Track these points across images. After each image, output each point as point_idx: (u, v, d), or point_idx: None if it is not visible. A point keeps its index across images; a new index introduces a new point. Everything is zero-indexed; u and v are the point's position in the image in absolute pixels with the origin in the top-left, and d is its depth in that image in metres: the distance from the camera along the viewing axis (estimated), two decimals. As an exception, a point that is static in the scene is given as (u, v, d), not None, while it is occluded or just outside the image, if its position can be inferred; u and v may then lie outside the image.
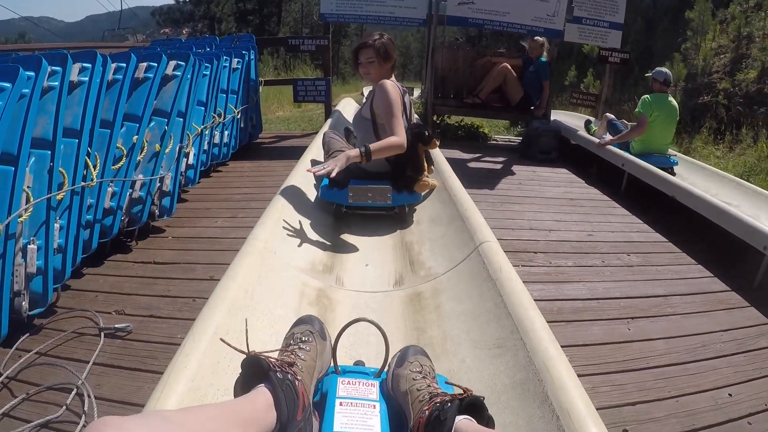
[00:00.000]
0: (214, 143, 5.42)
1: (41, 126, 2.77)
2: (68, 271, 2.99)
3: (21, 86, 2.51)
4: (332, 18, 7.54)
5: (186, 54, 4.20)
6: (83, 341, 2.64)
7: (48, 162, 2.78)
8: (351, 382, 1.58)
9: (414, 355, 1.60)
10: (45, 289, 2.75)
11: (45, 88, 2.78)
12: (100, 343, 2.59)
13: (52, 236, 2.79)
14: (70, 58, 2.99)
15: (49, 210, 2.76)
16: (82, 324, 2.77)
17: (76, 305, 2.96)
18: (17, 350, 2.53)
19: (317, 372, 1.54)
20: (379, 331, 1.66)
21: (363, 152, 3.04)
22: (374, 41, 3.25)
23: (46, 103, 2.79)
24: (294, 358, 1.47)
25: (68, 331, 2.68)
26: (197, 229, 4.08)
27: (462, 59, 8.01)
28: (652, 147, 5.83)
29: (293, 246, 2.71)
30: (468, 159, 6.85)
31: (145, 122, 3.74)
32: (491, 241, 2.41)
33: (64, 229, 2.95)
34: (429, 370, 1.57)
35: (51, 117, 2.80)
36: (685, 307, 3.23)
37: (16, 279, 2.57)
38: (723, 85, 9.88)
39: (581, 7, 7.48)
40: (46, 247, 2.75)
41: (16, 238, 2.56)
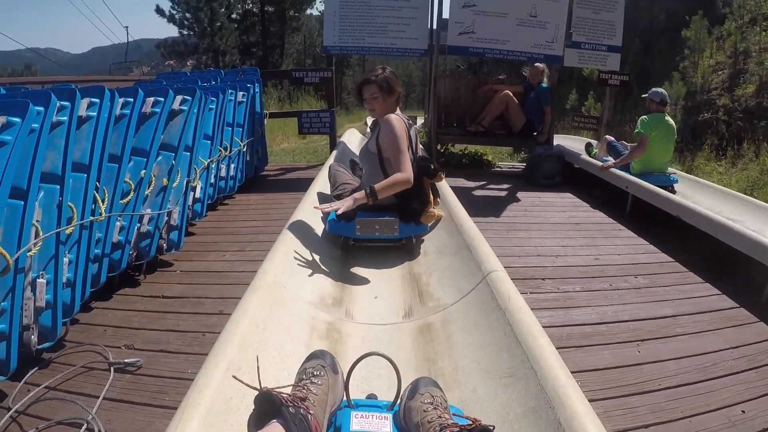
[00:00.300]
0: (221, 176, 5.45)
1: (50, 160, 2.77)
2: (77, 305, 2.99)
3: (31, 121, 2.52)
4: (335, 50, 7.64)
5: (192, 89, 4.24)
6: (93, 376, 2.62)
7: (57, 196, 2.78)
8: (364, 415, 1.59)
9: (425, 386, 1.61)
10: (54, 323, 2.74)
11: (54, 123, 2.79)
12: (110, 377, 2.57)
13: (61, 270, 2.78)
14: (79, 94, 3.00)
15: (58, 244, 2.76)
16: (91, 358, 2.75)
17: (85, 339, 2.95)
18: (26, 384, 2.51)
19: (330, 406, 1.56)
20: (390, 364, 1.67)
21: (368, 193, 3.11)
22: (376, 77, 3.31)
23: (55, 137, 2.80)
24: (306, 392, 1.49)
25: (78, 366, 2.67)
26: (205, 263, 4.09)
27: (464, 88, 8.13)
28: (652, 166, 5.88)
29: (302, 279, 2.73)
30: (473, 187, 6.88)
31: (153, 157, 3.76)
32: (499, 271, 2.44)
33: (73, 263, 2.94)
34: (441, 401, 1.57)
35: (60, 152, 2.81)
36: (694, 326, 3.21)
37: (26, 313, 2.56)
38: (722, 101, 9.95)
39: (579, 32, 7.56)
40: (55, 281, 2.74)
41: (25, 272, 2.55)
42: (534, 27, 6.97)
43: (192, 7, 27.81)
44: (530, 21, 6.94)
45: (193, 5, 27.70)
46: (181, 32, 29.39)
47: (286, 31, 32.76)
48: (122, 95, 3.59)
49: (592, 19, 7.69)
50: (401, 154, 3.19)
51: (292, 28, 33.27)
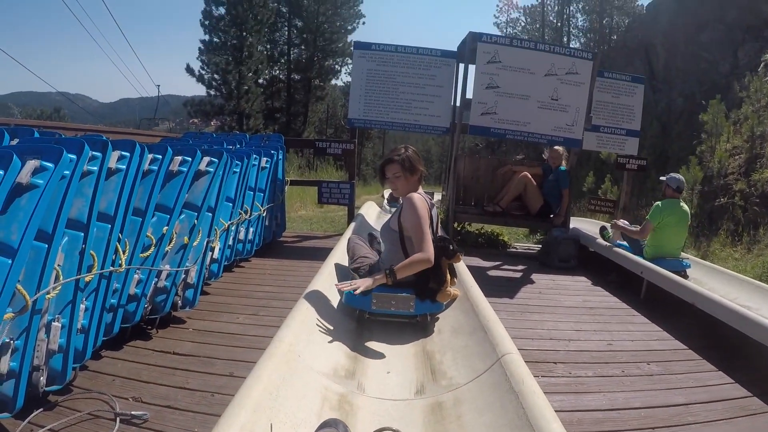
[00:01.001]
0: (239, 239, 5.52)
1: (77, 208, 2.82)
2: (89, 352, 3.00)
3: (63, 168, 2.57)
4: (359, 123, 7.84)
5: (220, 151, 4.35)
6: (98, 424, 2.60)
7: (80, 243, 2.83)
8: None
9: None
10: (64, 367, 2.75)
11: (84, 172, 2.85)
12: (116, 427, 2.55)
13: (76, 316, 2.82)
14: (111, 146, 3.08)
15: (76, 290, 2.80)
16: (97, 406, 2.74)
17: (93, 387, 2.94)
18: (30, 424, 2.51)
19: None
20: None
21: (388, 274, 3.17)
22: (399, 156, 3.40)
23: (84, 186, 2.86)
24: None
25: (83, 412, 2.65)
26: (218, 323, 4.09)
27: (483, 168, 8.27)
28: (665, 251, 5.91)
29: (317, 349, 2.74)
30: (488, 267, 6.89)
31: (176, 214, 3.83)
32: (513, 353, 2.44)
33: (89, 311, 2.97)
34: None
35: (87, 200, 2.87)
36: (706, 415, 3.14)
37: (37, 354, 2.58)
38: (739, 186, 9.95)
39: (599, 115, 7.73)
40: (70, 326, 2.77)
41: (42, 314, 2.59)
42: (555, 110, 7.11)
43: (221, 69, 28.56)
44: (551, 104, 7.09)
45: (222, 67, 28.46)
46: (208, 92, 30.07)
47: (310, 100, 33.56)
48: (151, 151, 3.67)
49: (612, 103, 7.89)
50: (423, 234, 3.24)
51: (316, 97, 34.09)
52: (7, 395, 2.41)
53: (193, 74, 29.30)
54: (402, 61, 7.65)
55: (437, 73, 7.66)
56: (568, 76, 7.06)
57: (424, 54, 7.75)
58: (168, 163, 3.79)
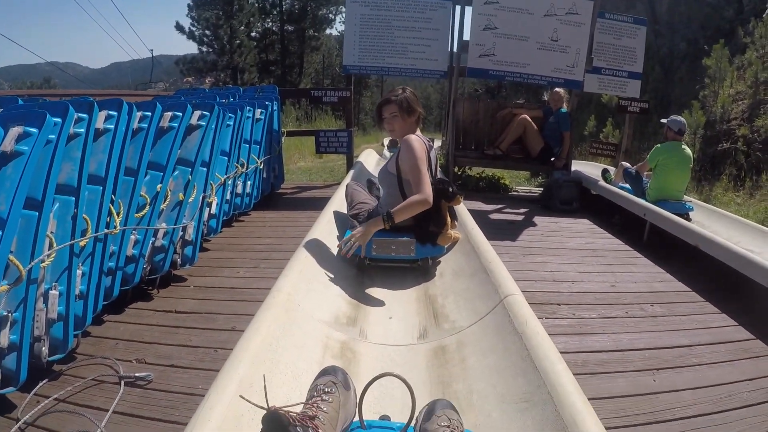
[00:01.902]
0: (237, 193, 5.45)
1: (66, 172, 2.76)
2: (89, 317, 2.96)
3: (48, 132, 2.50)
4: (354, 70, 7.66)
5: (211, 104, 4.25)
6: (103, 389, 2.59)
7: (72, 208, 2.77)
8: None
9: (442, 408, 1.59)
10: (65, 335, 2.72)
11: (71, 135, 2.78)
12: (120, 391, 2.54)
13: (74, 282, 2.77)
14: (97, 106, 3.00)
15: (71, 256, 2.74)
16: (101, 372, 2.72)
17: (96, 352, 2.92)
18: (36, 396, 2.49)
19: (341, 422, 1.55)
20: (405, 385, 1.63)
21: (385, 218, 3.10)
22: (397, 96, 3.30)
23: (71, 149, 2.79)
24: (316, 410, 1.47)
25: (88, 378, 2.63)
26: (219, 279, 4.07)
27: (483, 111, 8.12)
28: (667, 194, 5.90)
29: (317, 298, 2.71)
30: (490, 210, 6.83)
31: (169, 171, 3.76)
32: (516, 294, 2.40)
33: (86, 276, 2.92)
34: (457, 424, 1.56)
35: (76, 164, 2.80)
36: (710, 356, 3.15)
37: (37, 324, 2.54)
38: (742, 132, 9.86)
39: (600, 57, 7.57)
40: (68, 293, 2.72)
41: (38, 283, 2.54)
42: (555, 51, 6.96)
43: (212, 24, 28.17)
44: (551, 45, 6.93)
45: (213, 22, 28.06)
46: (200, 49, 29.78)
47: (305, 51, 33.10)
48: (140, 109, 3.60)
49: (614, 44, 7.71)
50: (421, 175, 3.18)
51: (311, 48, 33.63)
52: (10, 369, 2.38)
53: (184, 32, 28.95)
54: (396, 4, 7.40)
55: (433, 16, 7.43)
56: (568, 17, 6.87)
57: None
58: (158, 119, 3.70)
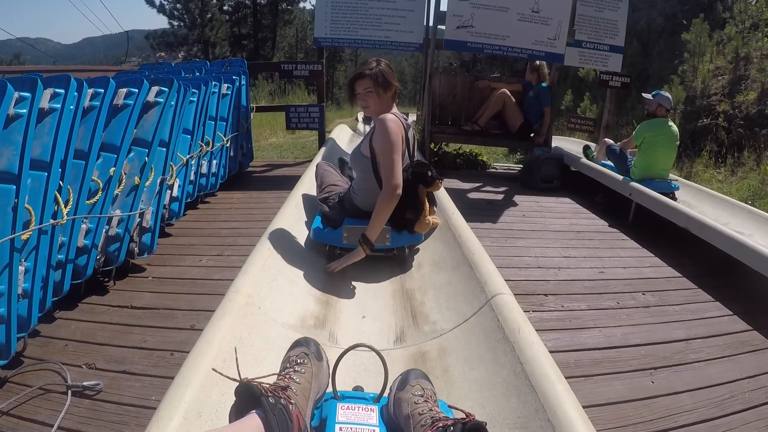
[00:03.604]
0: (202, 173, 5.15)
1: (5, 158, 2.52)
2: (35, 318, 2.71)
3: None
4: (326, 42, 7.34)
5: (170, 80, 3.95)
6: (49, 399, 2.37)
7: (12, 198, 2.52)
8: (350, 407, 1.61)
9: (416, 378, 1.63)
10: (8, 339, 2.48)
11: (11, 116, 2.55)
12: (67, 403, 2.31)
13: (16, 281, 2.52)
14: (41, 83, 2.76)
15: (12, 252, 2.49)
16: (49, 379, 2.50)
17: (44, 355, 2.69)
18: None
19: (314, 393, 1.57)
20: (378, 356, 1.69)
21: (363, 243, 2.85)
22: (371, 70, 2.96)
23: (11, 133, 2.55)
24: (288, 381, 1.49)
25: (34, 387, 2.41)
26: (180, 268, 3.80)
27: (460, 85, 7.80)
28: (653, 172, 5.66)
29: (281, 297, 2.42)
30: (467, 189, 6.58)
31: (124, 153, 3.49)
32: (505, 294, 2.14)
33: (31, 272, 2.67)
34: (431, 393, 1.59)
35: (17, 148, 2.55)
36: (708, 351, 2.98)
37: None
38: (722, 107, 9.69)
39: (581, 30, 7.30)
40: (9, 292, 2.47)
41: None
42: (536, 23, 6.65)
43: (182, -3, 27.52)
44: (532, 16, 6.63)
45: (184, -5, 27.41)
46: (171, 23, 29.20)
47: (278, 24, 32.61)
48: (92, 86, 3.33)
49: (595, 17, 7.44)
50: (392, 164, 2.87)
51: (285, 21, 33.11)
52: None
53: (154, 5, 28.28)
54: (370, -27, 7.08)
55: (408, -15, 7.12)
56: (549, -14, 6.58)
57: (394, -35, 7.19)
58: (111, 97, 3.41)
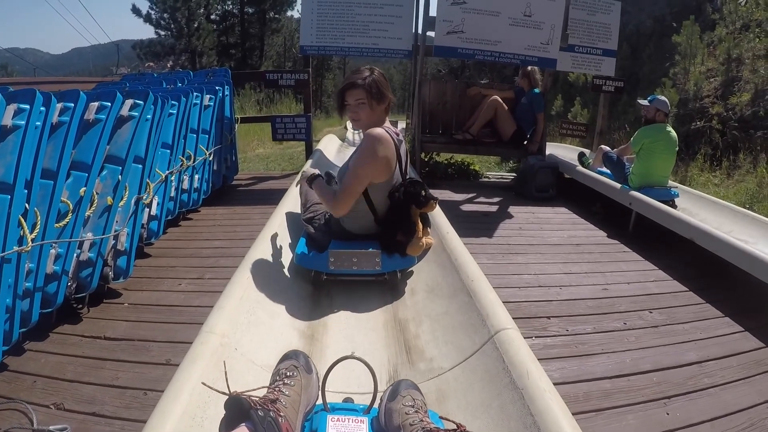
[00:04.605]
0: (183, 189, 4.91)
1: None
2: (-1, 352, 2.52)
3: None
4: (312, 50, 7.13)
5: (145, 92, 3.73)
6: None
7: None
8: (340, 419, 1.61)
9: (406, 389, 1.63)
10: None
11: None
12: None
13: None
14: (3, 98, 2.59)
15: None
16: (15, 421, 2.28)
17: (11, 392, 2.47)
18: None
19: (304, 406, 1.56)
20: (367, 368, 1.70)
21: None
22: (364, 79, 2.74)
23: None
24: (278, 394, 1.49)
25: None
26: (157, 293, 3.56)
27: (450, 92, 7.60)
28: (652, 179, 5.47)
29: (261, 334, 2.20)
30: (461, 201, 6.37)
31: (96, 171, 3.26)
32: (509, 329, 1.92)
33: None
34: (421, 404, 1.59)
35: None
36: (722, 374, 2.78)
37: None
38: (716, 110, 9.56)
39: (574, 34, 7.12)
40: None
41: None
42: (528, 27, 6.46)
43: (169, 7, 27.44)
44: (524, 21, 6.43)
45: (170, 5, 27.40)
46: (158, 33, 29.09)
47: (265, 33, 32.55)
48: (61, 99, 3.10)
49: (587, 21, 7.30)
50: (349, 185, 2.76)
51: (272, 30, 33.06)
52: None
53: (140, 15, 28.18)
54: (356, -21, 6.90)
55: (396, -10, 6.95)
56: (542, -11, 6.40)
57: (381, -31, 7.00)
58: (82, 111, 3.19)
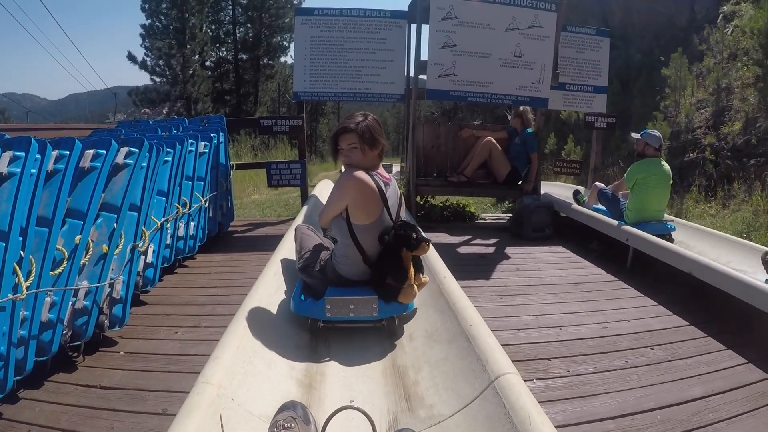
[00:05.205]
0: (179, 236, 4.90)
1: None
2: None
3: None
4: (305, 96, 7.23)
5: (140, 140, 3.75)
6: None
7: None
8: None
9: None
10: None
11: None
12: None
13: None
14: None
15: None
16: None
17: None
18: None
19: None
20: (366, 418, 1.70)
21: None
22: (357, 125, 2.78)
23: None
24: None
25: None
26: (153, 342, 3.52)
27: (444, 135, 7.64)
28: (647, 214, 5.50)
29: (257, 384, 2.16)
30: (456, 243, 6.34)
31: (91, 219, 3.26)
32: (510, 373, 1.89)
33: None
34: None
35: None
36: (728, 409, 2.73)
37: None
38: (708, 140, 9.67)
39: (564, 72, 7.23)
40: None
41: None
42: (519, 68, 6.55)
43: (164, 54, 27.75)
44: (515, 61, 6.52)
45: (165, 52, 27.69)
46: (153, 79, 29.38)
47: (260, 79, 32.97)
48: (56, 147, 3.13)
49: (577, 58, 7.44)
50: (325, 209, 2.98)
51: (266, 76, 33.51)
52: None
53: (136, 62, 28.53)
54: (348, 25, 7.02)
55: (388, 36, 7.05)
56: (531, 30, 6.48)
57: (372, 16, 7.12)
58: (77, 159, 3.21)
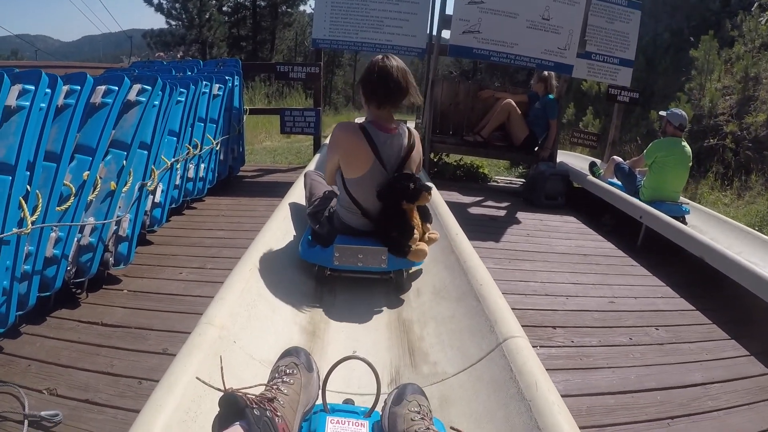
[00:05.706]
0: (189, 177, 4.86)
1: None
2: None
3: None
4: (324, 44, 7.09)
5: (153, 77, 3.67)
6: (3, 428, 2.12)
7: None
8: (340, 421, 1.56)
9: (413, 393, 1.57)
10: None
11: None
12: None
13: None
14: (7, 78, 2.54)
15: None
16: (6, 405, 2.24)
17: (5, 376, 2.43)
18: None
19: (303, 405, 1.52)
20: (371, 369, 1.65)
21: None
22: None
23: None
24: (275, 392, 1.44)
25: None
26: (157, 282, 3.50)
27: (463, 93, 7.47)
28: (663, 194, 5.42)
29: (261, 328, 2.14)
30: (468, 203, 6.28)
31: (100, 155, 3.20)
32: (518, 337, 1.84)
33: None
34: (427, 410, 1.54)
35: None
36: (727, 398, 2.71)
37: None
38: (730, 128, 9.44)
39: (591, 41, 7.04)
40: None
41: None
42: (546, 31, 6.35)
43: (180, -4, 27.38)
44: (542, 24, 6.33)
45: (182, -6, 27.26)
46: (168, 22, 29.12)
47: (277, 27, 32.55)
48: (68, 82, 3.05)
49: (606, 28, 7.18)
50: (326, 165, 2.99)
51: (284, 24, 33.08)
52: None
53: (152, 4, 28.24)
54: (372, -28, 6.83)
55: (413, -13, 6.87)
56: (561, -7, 6.30)
57: (399, -35, 6.92)
58: (88, 94, 3.14)
